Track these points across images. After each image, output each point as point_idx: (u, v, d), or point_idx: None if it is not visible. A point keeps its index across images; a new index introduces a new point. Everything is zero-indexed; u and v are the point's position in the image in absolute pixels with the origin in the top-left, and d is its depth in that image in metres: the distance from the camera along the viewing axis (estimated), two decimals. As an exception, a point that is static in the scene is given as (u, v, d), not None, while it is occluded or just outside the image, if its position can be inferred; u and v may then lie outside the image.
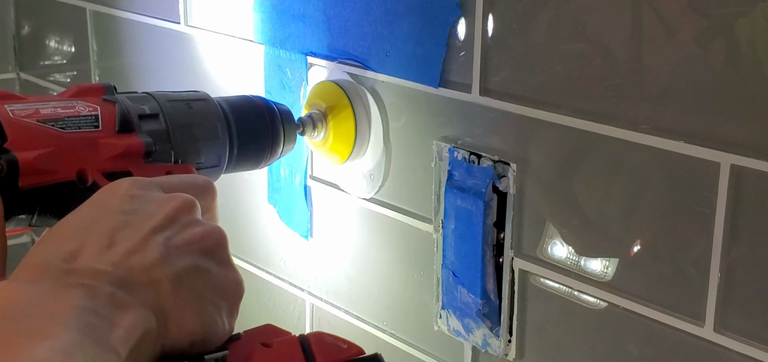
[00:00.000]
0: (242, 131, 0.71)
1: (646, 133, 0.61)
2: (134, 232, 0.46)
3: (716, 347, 0.60)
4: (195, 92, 0.70)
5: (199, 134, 0.67)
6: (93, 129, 0.59)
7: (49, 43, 1.30)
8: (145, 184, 0.49)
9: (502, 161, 0.70)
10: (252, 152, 0.73)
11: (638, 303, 0.64)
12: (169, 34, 1.03)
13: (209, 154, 0.68)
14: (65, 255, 0.44)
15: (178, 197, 0.49)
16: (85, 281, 0.42)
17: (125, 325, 0.42)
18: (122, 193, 0.48)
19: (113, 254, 0.44)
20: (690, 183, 0.59)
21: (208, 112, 0.68)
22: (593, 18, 0.62)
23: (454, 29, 0.71)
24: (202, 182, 0.54)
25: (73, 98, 0.61)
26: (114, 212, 0.47)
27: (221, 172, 0.70)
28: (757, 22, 0.54)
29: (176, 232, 0.47)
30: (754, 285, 0.57)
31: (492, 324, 0.73)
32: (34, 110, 0.57)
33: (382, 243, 0.83)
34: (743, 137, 0.56)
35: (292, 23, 0.85)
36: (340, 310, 0.89)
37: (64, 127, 0.58)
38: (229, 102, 0.72)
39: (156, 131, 0.63)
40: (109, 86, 0.63)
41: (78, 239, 0.45)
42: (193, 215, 0.49)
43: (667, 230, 0.61)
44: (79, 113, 0.59)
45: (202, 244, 0.48)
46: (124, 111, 0.61)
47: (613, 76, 0.62)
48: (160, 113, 0.64)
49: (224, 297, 0.48)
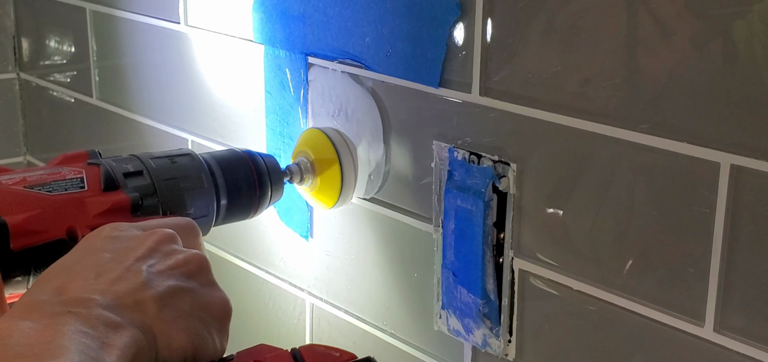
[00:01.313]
0: (228, 181, 0.74)
1: (645, 133, 0.61)
2: (117, 264, 0.48)
3: (716, 347, 0.60)
4: (178, 149, 0.73)
5: (184, 186, 0.69)
6: (79, 190, 0.62)
7: (49, 43, 1.30)
8: (125, 226, 0.52)
9: (502, 161, 0.70)
10: (241, 201, 0.75)
11: (638, 302, 0.64)
12: (169, 34, 1.03)
13: (197, 204, 0.70)
14: (53, 291, 0.45)
15: (157, 231, 0.51)
16: (73, 309, 0.44)
17: (118, 344, 0.43)
18: (104, 235, 0.51)
19: (99, 284, 0.46)
20: (690, 183, 0.59)
21: (192, 164, 0.71)
22: (593, 18, 0.62)
23: (454, 29, 0.71)
24: (183, 221, 0.56)
25: (59, 165, 0.64)
26: (97, 250, 0.49)
27: (212, 222, 0.73)
28: (754, 23, 0.54)
29: (158, 260, 0.49)
30: (754, 285, 0.57)
31: (492, 324, 0.73)
32: (21, 178, 0.61)
33: (382, 243, 0.83)
34: (742, 137, 0.56)
35: (292, 23, 0.85)
36: (340, 310, 0.89)
37: (50, 190, 0.61)
38: (213, 155, 0.75)
39: (141, 186, 0.66)
40: (94, 152, 0.66)
41: (64, 276, 0.47)
42: (174, 246, 0.51)
43: (666, 230, 0.61)
44: (65, 177, 0.62)
45: (184, 268, 0.50)
46: (109, 171, 0.64)
47: (613, 76, 0.62)
48: (144, 169, 0.67)
49: (211, 314, 0.50)
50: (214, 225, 0.73)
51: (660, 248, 0.62)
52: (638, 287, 0.63)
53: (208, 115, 1.00)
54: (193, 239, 0.55)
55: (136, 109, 1.13)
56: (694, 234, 0.59)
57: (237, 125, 0.96)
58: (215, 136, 1.00)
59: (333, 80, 0.83)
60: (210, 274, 0.51)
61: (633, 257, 0.63)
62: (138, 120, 1.13)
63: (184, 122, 1.04)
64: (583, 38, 0.63)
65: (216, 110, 0.99)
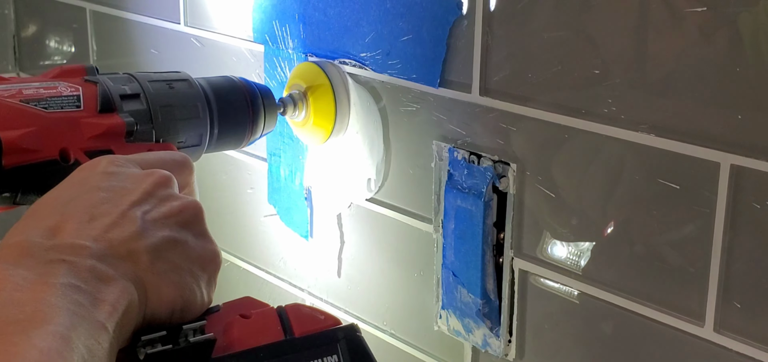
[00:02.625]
0: (223, 110, 0.72)
1: (646, 133, 0.61)
2: (112, 207, 0.47)
3: (716, 347, 0.60)
4: (176, 73, 0.71)
5: (180, 114, 0.68)
6: (75, 109, 0.60)
7: (49, 43, 1.30)
8: (123, 161, 0.51)
9: (502, 161, 0.70)
10: (233, 131, 0.74)
11: (638, 302, 0.64)
12: (169, 34, 1.03)
13: (190, 133, 0.69)
14: (45, 232, 0.44)
15: (154, 172, 0.50)
16: (66, 257, 0.43)
17: (110, 300, 0.43)
18: (100, 170, 0.49)
19: (92, 229, 0.45)
20: (690, 183, 0.59)
21: (189, 92, 0.69)
22: (592, 18, 0.62)
23: (454, 29, 0.71)
24: (179, 158, 0.55)
25: (56, 78, 0.62)
26: (93, 188, 0.48)
27: (203, 151, 0.71)
28: (759, 19, 0.54)
29: (153, 206, 0.48)
30: (754, 285, 0.57)
31: (492, 324, 0.73)
32: (17, 90, 0.58)
33: (382, 243, 0.83)
34: (743, 137, 0.56)
35: (292, 23, 0.85)
36: (340, 310, 0.89)
37: (46, 107, 0.59)
38: (210, 82, 0.73)
39: (137, 111, 0.64)
40: (91, 68, 0.64)
41: (57, 215, 0.46)
42: (170, 190, 0.50)
43: (667, 230, 0.61)
44: (61, 94, 0.60)
45: (179, 217, 0.49)
46: (106, 91, 0.62)
47: (613, 76, 0.62)
48: (142, 93, 0.65)
49: (202, 267, 0.49)
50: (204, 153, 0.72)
51: (660, 248, 0.62)
52: (638, 287, 0.63)
53: (208, 115, 1.00)
54: (187, 176, 0.54)
55: (136, 109, 1.13)
56: (695, 234, 0.59)
57: (237, 125, 0.96)
58: (215, 136, 1.00)
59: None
60: (203, 224, 0.50)
61: (633, 258, 0.63)
62: (138, 120, 1.13)
63: (184, 122, 1.04)
64: (583, 39, 0.63)
65: (216, 109, 0.99)
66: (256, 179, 0.95)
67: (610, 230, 0.64)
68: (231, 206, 0.99)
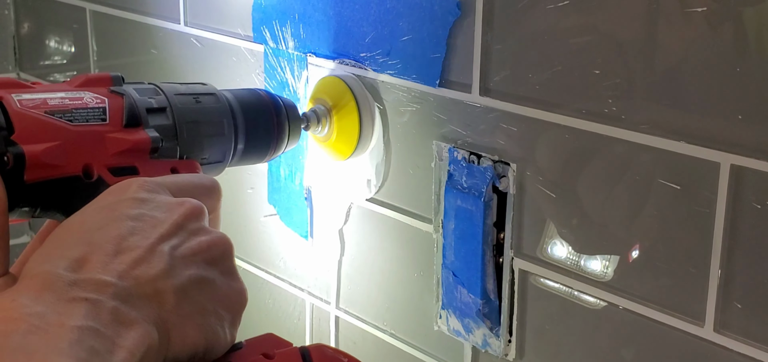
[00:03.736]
0: (248, 126, 0.71)
1: (645, 133, 0.61)
2: (141, 239, 0.45)
3: (716, 347, 0.60)
4: (203, 85, 0.69)
5: (206, 131, 0.66)
6: (100, 123, 0.58)
7: (48, 43, 1.30)
8: (153, 186, 0.49)
9: (502, 161, 0.70)
10: (257, 147, 0.72)
11: (638, 303, 0.64)
12: (169, 34, 1.03)
13: (214, 150, 0.67)
14: (70, 263, 0.43)
15: (185, 202, 0.48)
16: (89, 294, 0.42)
17: (128, 346, 0.41)
18: (130, 196, 0.47)
19: (119, 264, 0.44)
20: (690, 183, 0.59)
21: (216, 107, 0.68)
22: (592, 18, 0.62)
23: (454, 29, 0.71)
24: (208, 183, 0.53)
25: (81, 87, 0.60)
26: (121, 217, 0.46)
27: (225, 167, 0.70)
28: (763, 18, 0.54)
29: (183, 240, 0.46)
30: (754, 285, 0.57)
31: (492, 324, 0.73)
32: (42, 100, 0.56)
33: (382, 243, 0.83)
34: (743, 137, 0.56)
35: (292, 23, 0.85)
36: (340, 310, 0.89)
37: (71, 119, 0.57)
38: (236, 96, 0.71)
39: (163, 126, 0.62)
40: (117, 77, 0.62)
41: (84, 245, 0.44)
42: (201, 222, 0.48)
43: (667, 231, 0.61)
44: (87, 105, 0.58)
45: (208, 253, 0.47)
46: (132, 104, 0.61)
47: (613, 76, 0.62)
48: (168, 106, 0.64)
49: (227, 308, 0.48)
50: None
51: (660, 248, 0.62)
52: (638, 287, 0.63)
53: (208, 115, 1.00)
54: (215, 201, 0.53)
55: (136, 109, 1.13)
56: (695, 234, 0.59)
57: (237, 125, 0.96)
58: (215, 136, 1.00)
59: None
60: (232, 261, 0.49)
61: (633, 258, 0.63)
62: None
63: (184, 122, 1.04)
64: (584, 38, 0.63)
65: (216, 109, 0.99)
66: (256, 179, 0.95)
67: (609, 230, 0.64)
68: (231, 205, 0.99)
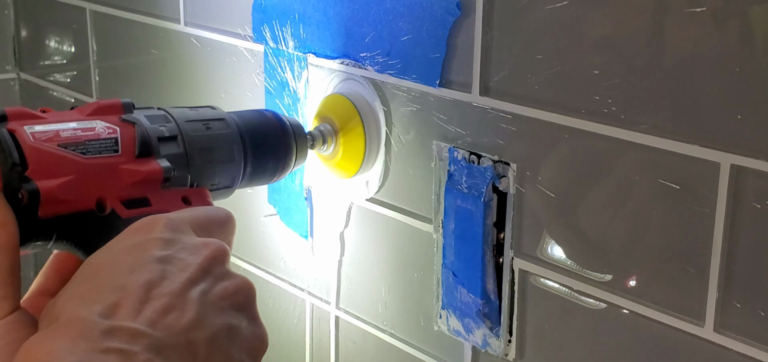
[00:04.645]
0: (256, 150, 0.71)
1: (645, 133, 0.61)
2: (171, 284, 0.46)
3: (716, 347, 0.60)
4: (212, 110, 0.69)
5: (217, 158, 0.66)
6: (113, 154, 0.59)
7: (48, 43, 1.30)
8: (178, 224, 0.49)
9: (502, 161, 0.70)
10: (264, 169, 0.73)
11: (638, 303, 0.64)
12: (169, 33, 1.03)
13: (224, 176, 0.68)
14: (104, 309, 0.44)
15: (210, 244, 0.49)
16: (123, 345, 0.42)
17: None
18: (157, 236, 0.48)
19: (151, 311, 0.44)
20: (690, 183, 0.59)
21: (226, 134, 0.68)
22: (592, 18, 0.62)
23: (454, 29, 0.71)
24: (224, 216, 0.54)
25: (93, 116, 0.61)
26: (150, 259, 0.47)
27: (233, 191, 0.70)
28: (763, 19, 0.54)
29: (210, 285, 0.47)
30: (754, 284, 0.57)
31: (492, 323, 0.73)
32: (55, 132, 0.57)
33: (382, 243, 0.83)
34: (743, 137, 0.56)
35: (292, 23, 0.85)
36: (340, 310, 0.89)
37: (84, 151, 0.57)
38: (244, 119, 0.71)
39: (174, 155, 0.63)
40: (128, 104, 0.63)
41: (117, 290, 0.45)
42: (225, 265, 0.49)
43: (666, 230, 0.61)
44: (99, 136, 0.59)
45: (234, 299, 0.48)
46: (144, 134, 0.61)
47: (612, 75, 0.62)
48: (179, 134, 0.64)
49: (251, 355, 0.48)
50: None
51: (660, 247, 0.62)
52: (638, 287, 0.63)
53: (208, 115, 1.00)
54: (230, 235, 0.54)
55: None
56: (695, 234, 0.59)
57: (237, 125, 0.96)
58: (215, 136, 1.00)
59: (333, 80, 0.83)
60: (255, 306, 0.50)
61: (633, 257, 0.63)
62: (138, 120, 1.13)
63: (184, 122, 1.04)
64: (583, 38, 0.63)
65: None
66: (256, 179, 0.95)
67: (608, 230, 0.64)
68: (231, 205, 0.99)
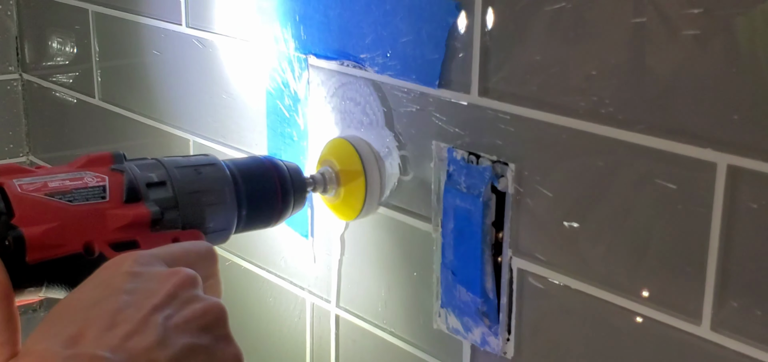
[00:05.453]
0: (252, 194, 0.72)
1: (643, 133, 0.61)
2: (134, 312, 0.46)
3: (713, 346, 0.60)
4: (204, 156, 0.70)
5: (207, 200, 0.67)
6: (100, 200, 0.60)
7: (51, 44, 1.31)
8: (147, 259, 0.50)
9: (501, 161, 0.70)
10: (261, 213, 0.74)
11: (635, 302, 0.64)
12: (171, 35, 1.03)
13: (217, 218, 0.68)
14: (66, 341, 0.44)
15: (178, 272, 0.49)
16: None
17: None
18: (124, 270, 0.49)
19: (112, 337, 0.45)
20: (687, 183, 0.59)
21: (217, 177, 0.69)
22: (592, 18, 0.63)
23: (454, 30, 0.71)
24: (203, 250, 0.54)
25: (82, 168, 0.62)
26: (116, 291, 0.47)
27: (230, 235, 0.71)
28: (756, 23, 0.55)
29: (176, 309, 0.47)
30: (750, 283, 0.58)
31: (491, 322, 0.73)
32: (43, 183, 0.58)
33: (382, 242, 0.83)
34: (740, 137, 0.56)
35: (292, 24, 0.86)
36: (340, 309, 0.89)
37: (71, 199, 0.58)
38: (238, 165, 0.72)
39: (163, 199, 0.64)
40: (119, 155, 0.64)
41: (79, 321, 0.45)
42: (194, 290, 0.49)
43: (664, 230, 0.61)
44: (87, 185, 0.60)
45: (202, 320, 0.48)
46: (132, 180, 0.62)
47: (611, 76, 0.62)
48: (168, 180, 0.65)
49: None
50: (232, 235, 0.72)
51: (657, 247, 0.62)
52: (635, 286, 0.64)
53: (209, 115, 1.01)
54: (211, 267, 0.54)
55: (138, 110, 1.13)
56: (692, 234, 0.60)
57: (238, 126, 0.97)
58: (216, 136, 1.00)
59: (333, 80, 0.83)
60: (226, 326, 0.49)
61: (630, 256, 0.64)
62: (140, 121, 1.13)
63: (185, 123, 1.05)
64: (582, 39, 0.63)
65: (217, 110, 0.99)
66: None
67: (606, 229, 0.65)
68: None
